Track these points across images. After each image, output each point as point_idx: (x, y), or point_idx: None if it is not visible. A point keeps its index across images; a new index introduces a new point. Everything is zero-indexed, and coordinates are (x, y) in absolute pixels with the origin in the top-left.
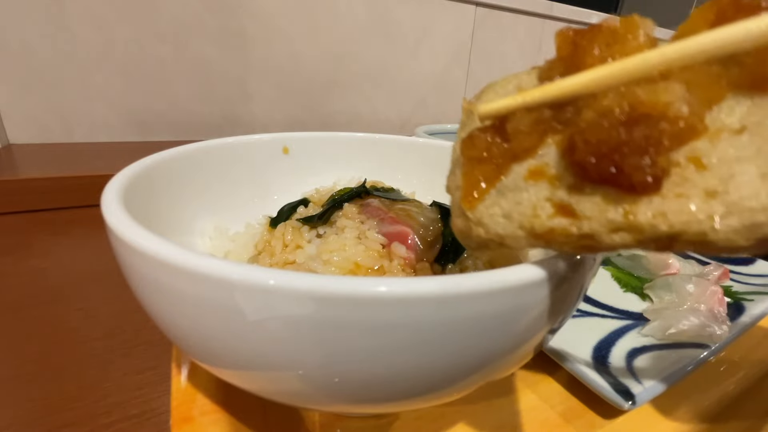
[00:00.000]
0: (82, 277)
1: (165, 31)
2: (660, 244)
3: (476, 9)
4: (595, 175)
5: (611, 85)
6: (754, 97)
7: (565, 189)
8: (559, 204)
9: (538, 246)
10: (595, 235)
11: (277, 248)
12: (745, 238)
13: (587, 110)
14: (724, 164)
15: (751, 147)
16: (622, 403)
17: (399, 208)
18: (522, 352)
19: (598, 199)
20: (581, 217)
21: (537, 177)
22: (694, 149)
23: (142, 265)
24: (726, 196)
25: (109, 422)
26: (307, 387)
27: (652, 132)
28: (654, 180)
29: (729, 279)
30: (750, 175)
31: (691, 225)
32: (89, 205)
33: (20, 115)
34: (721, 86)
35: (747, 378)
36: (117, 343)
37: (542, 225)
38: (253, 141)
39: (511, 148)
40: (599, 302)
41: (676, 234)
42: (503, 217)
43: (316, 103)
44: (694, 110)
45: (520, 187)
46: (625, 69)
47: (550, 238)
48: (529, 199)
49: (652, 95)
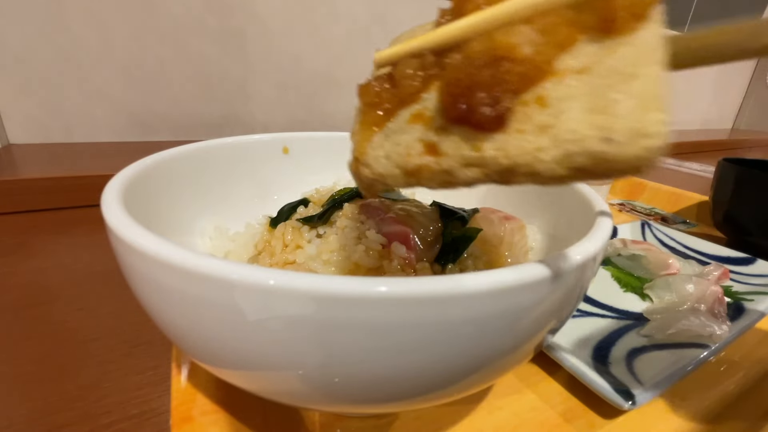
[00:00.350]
0: (82, 277)
1: (165, 31)
2: (503, 176)
3: None
4: (453, 114)
5: (480, 31)
6: (600, 40)
7: (434, 130)
8: (427, 143)
9: (412, 183)
10: (452, 170)
11: (277, 248)
12: (564, 167)
13: (457, 54)
14: (561, 102)
15: (586, 85)
16: (622, 403)
17: (399, 208)
18: (522, 352)
19: (456, 138)
20: (442, 154)
21: (417, 120)
22: (542, 89)
23: (142, 265)
24: (553, 130)
25: (109, 422)
26: (307, 387)
27: (500, 73)
28: (498, 118)
29: (729, 279)
30: (576, 111)
31: (524, 157)
32: (89, 205)
33: (20, 115)
34: (575, 30)
35: (747, 378)
36: (117, 343)
37: (413, 163)
38: (253, 141)
39: (398, 93)
40: (599, 302)
41: (513, 166)
42: (385, 157)
43: (316, 103)
44: (543, 53)
45: (402, 129)
46: (493, 15)
47: (419, 175)
48: (406, 141)
49: (503, 39)
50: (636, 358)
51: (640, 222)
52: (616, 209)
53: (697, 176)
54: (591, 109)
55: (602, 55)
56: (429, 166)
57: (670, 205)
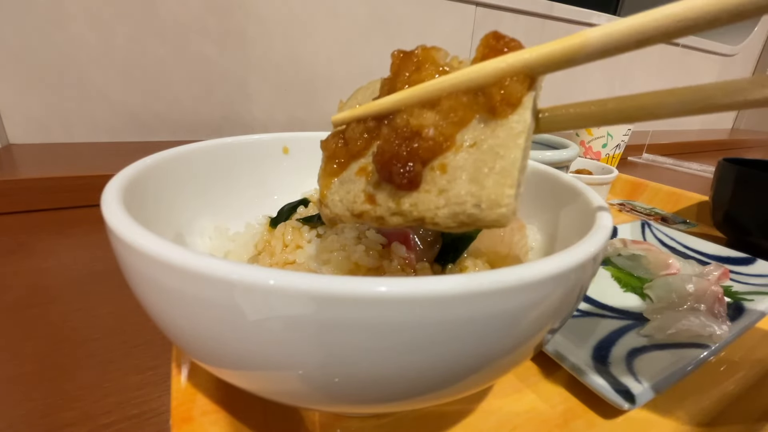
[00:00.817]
0: (82, 277)
1: (165, 31)
2: (417, 223)
3: (476, 9)
4: (382, 176)
5: (404, 105)
6: (487, 120)
7: (372, 184)
8: (367, 194)
9: (358, 222)
10: (383, 217)
11: (277, 248)
12: (452, 221)
13: (386, 126)
14: (455, 170)
15: (472, 158)
16: (622, 403)
17: None
18: (522, 352)
19: (385, 193)
20: (377, 204)
21: (361, 173)
22: (445, 158)
23: (142, 265)
24: (447, 193)
25: (109, 422)
26: (307, 387)
27: (413, 148)
28: (410, 183)
29: (729, 279)
30: (463, 180)
31: (428, 212)
32: (89, 205)
33: (20, 115)
34: (470, 111)
35: (747, 378)
36: (117, 343)
37: (358, 209)
38: (253, 141)
39: (349, 150)
40: (599, 302)
41: (422, 218)
42: (339, 201)
43: (316, 103)
44: (446, 132)
45: (352, 180)
46: (413, 94)
47: (362, 218)
48: (354, 190)
49: (415, 119)
50: (636, 358)
51: (640, 222)
52: (616, 209)
53: (697, 176)
54: (472, 179)
55: (487, 134)
56: (368, 212)
57: (670, 205)
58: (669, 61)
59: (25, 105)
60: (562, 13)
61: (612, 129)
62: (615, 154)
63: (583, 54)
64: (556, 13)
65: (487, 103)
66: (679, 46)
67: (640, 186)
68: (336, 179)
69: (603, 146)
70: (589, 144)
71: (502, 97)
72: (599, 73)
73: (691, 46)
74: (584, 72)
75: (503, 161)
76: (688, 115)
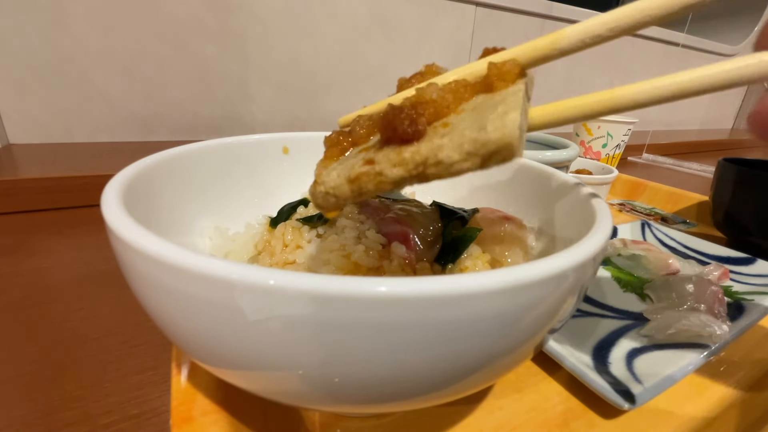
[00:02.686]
0: (82, 277)
1: (165, 31)
2: (418, 169)
3: (476, 9)
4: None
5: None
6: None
7: (373, 151)
8: (367, 159)
9: (354, 190)
10: (383, 171)
11: (277, 248)
12: (457, 153)
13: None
14: (458, 124)
15: (475, 114)
16: (622, 403)
17: (399, 207)
18: (522, 352)
19: (387, 151)
20: (377, 162)
21: (362, 150)
22: (448, 119)
23: (142, 265)
24: (450, 135)
25: (109, 422)
26: (307, 387)
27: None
28: (415, 133)
29: (729, 279)
30: (466, 125)
31: (430, 152)
32: (89, 205)
33: (20, 115)
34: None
35: (747, 378)
36: (117, 343)
37: (355, 172)
38: (253, 141)
39: (353, 140)
40: (599, 302)
41: (424, 159)
42: (336, 175)
43: (316, 103)
44: (450, 102)
45: (352, 157)
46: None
47: (359, 181)
48: (353, 162)
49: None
50: (636, 358)
51: (640, 222)
52: (616, 209)
53: (697, 176)
54: (474, 123)
55: (486, 100)
56: (367, 172)
57: (670, 205)
58: (669, 62)
59: (25, 105)
60: (562, 13)
61: (612, 129)
62: (615, 154)
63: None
64: (556, 13)
65: (485, 82)
66: (679, 46)
67: (640, 186)
68: (336, 162)
69: (603, 146)
70: (589, 144)
71: (497, 76)
72: (599, 73)
73: (691, 46)
74: (584, 72)
75: (504, 104)
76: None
